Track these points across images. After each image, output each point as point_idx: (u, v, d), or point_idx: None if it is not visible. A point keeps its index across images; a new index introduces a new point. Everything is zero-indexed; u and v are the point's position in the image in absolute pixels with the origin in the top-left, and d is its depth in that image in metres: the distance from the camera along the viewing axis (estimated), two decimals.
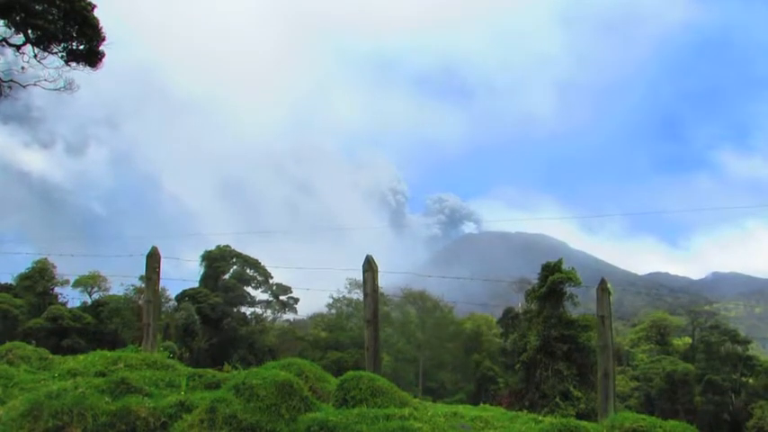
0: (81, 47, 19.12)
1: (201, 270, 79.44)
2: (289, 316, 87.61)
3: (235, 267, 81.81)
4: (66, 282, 77.64)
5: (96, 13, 19.12)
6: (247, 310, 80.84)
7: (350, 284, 72.51)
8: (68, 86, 19.55)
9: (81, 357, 9.78)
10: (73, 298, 79.63)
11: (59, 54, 19.11)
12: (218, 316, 73.54)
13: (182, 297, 74.17)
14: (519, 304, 73.28)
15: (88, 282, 77.45)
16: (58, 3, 18.11)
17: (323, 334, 74.89)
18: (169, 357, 9.78)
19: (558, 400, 46.14)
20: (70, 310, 72.92)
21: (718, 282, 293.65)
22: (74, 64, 19.23)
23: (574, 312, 51.51)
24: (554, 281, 49.55)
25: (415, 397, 9.46)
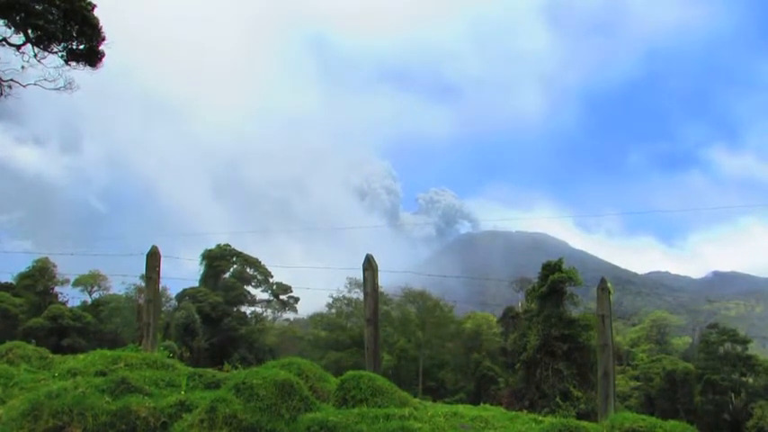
0: (81, 47, 19.13)
1: (201, 269, 79.50)
2: (289, 315, 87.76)
3: (235, 266, 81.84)
4: (67, 281, 77.76)
5: (96, 12, 19.15)
6: (247, 310, 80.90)
7: (350, 284, 72.51)
8: (68, 86, 19.56)
9: (81, 357, 9.78)
10: (73, 297, 79.81)
11: (59, 54, 19.11)
12: (219, 315, 73.55)
13: (182, 296, 74.19)
14: (519, 304, 73.36)
15: (88, 281, 77.55)
16: (58, 2, 18.10)
17: (323, 333, 74.87)
18: (169, 357, 9.79)
19: (558, 399, 46.19)
20: (70, 310, 72.97)
21: (718, 281, 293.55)
22: (74, 64, 19.24)
23: (574, 312, 51.57)
24: (555, 280, 49.58)
25: (415, 396, 9.47)
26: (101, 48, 19.38)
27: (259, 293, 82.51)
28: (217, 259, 79.77)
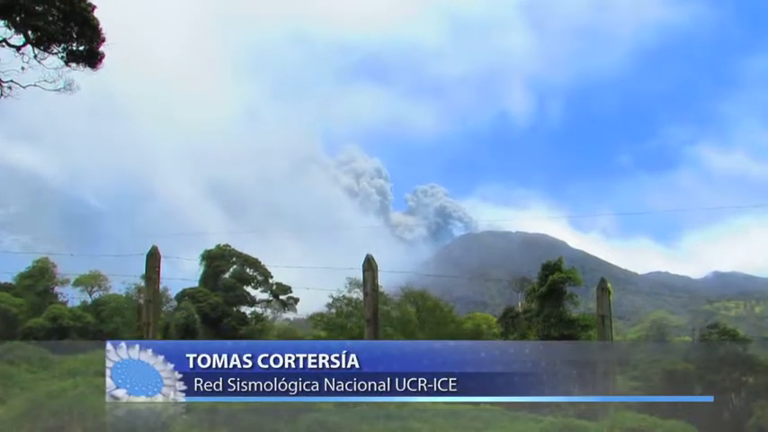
0: (81, 48, 19.12)
1: (201, 269, 79.44)
2: (288, 315, 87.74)
3: (234, 267, 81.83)
4: (67, 281, 77.70)
5: (96, 13, 19.15)
6: (247, 310, 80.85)
7: (350, 284, 72.44)
8: (68, 87, 19.56)
9: (81, 357, 9.80)
10: (73, 297, 79.66)
11: (59, 55, 19.11)
12: (218, 315, 73.53)
13: (181, 296, 74.21)
14: (519, 304, 73.33)
15: (88, 281, 77.50)
16: (58, 4, 18.11)
17: (322, 333, 74.78)
18: None
19: None
20: (70, 310, 72.92)
21: (718, 281, 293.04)
22: (74, 65, 19.24)
23: (574, 312, 51.57)
24: (554, 280, 49.56)
25: None
26: (101, 49, 19.39)
27: (259, 294, 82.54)
28: (216, 259, 79.69)
